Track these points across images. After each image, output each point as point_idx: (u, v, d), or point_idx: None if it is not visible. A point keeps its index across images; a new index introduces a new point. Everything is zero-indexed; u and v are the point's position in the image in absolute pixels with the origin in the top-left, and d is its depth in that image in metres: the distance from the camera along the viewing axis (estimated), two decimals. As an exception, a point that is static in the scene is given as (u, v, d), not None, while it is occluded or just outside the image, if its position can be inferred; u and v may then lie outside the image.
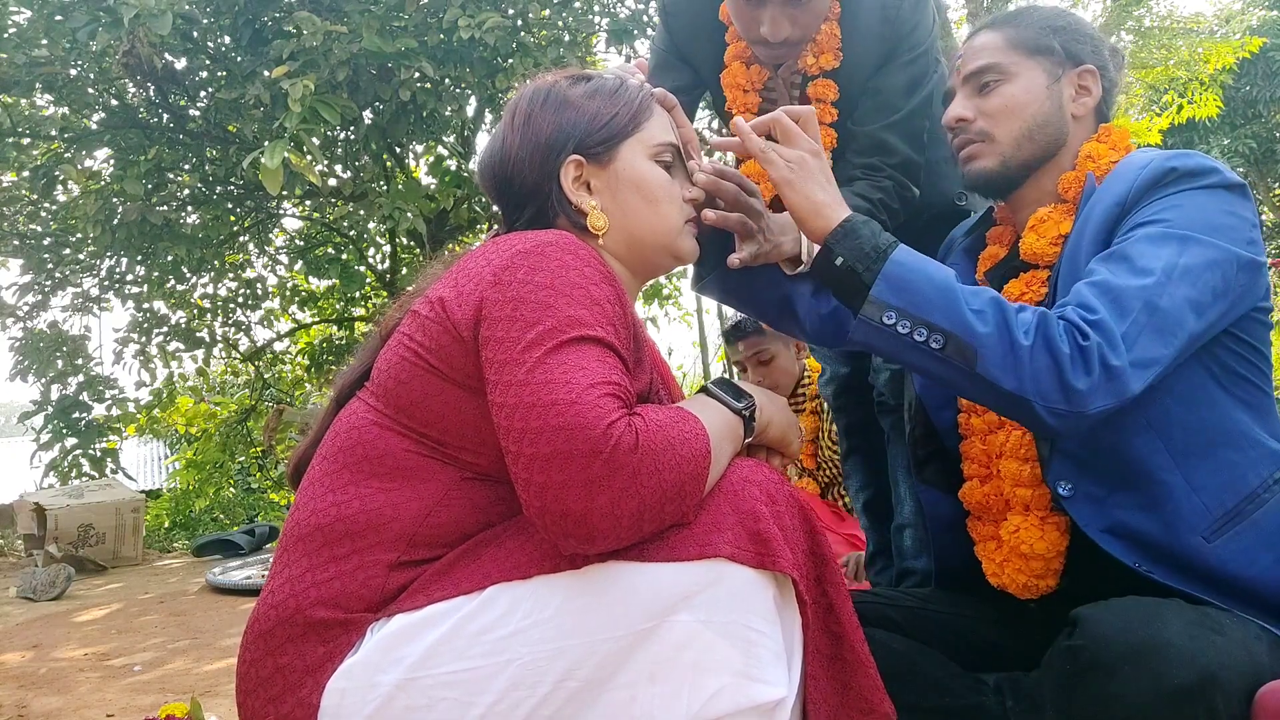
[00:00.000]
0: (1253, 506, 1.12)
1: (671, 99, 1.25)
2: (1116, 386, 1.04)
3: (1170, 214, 1.13)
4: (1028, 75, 1.29)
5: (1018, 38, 1.30)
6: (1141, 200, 1.17)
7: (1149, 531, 1.14)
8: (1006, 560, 1.25)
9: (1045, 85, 1.29)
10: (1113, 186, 1.21)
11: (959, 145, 1.33)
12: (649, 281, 1.34)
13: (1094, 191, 1.23)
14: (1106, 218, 1.19)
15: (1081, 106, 1.30)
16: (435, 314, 1.01)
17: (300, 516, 1.03)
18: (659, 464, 0.88)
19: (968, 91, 1.32)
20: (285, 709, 0.95)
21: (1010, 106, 1.28)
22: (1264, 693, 0.94)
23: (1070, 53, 1.30)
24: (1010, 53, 1.30)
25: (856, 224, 1.17)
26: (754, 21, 1.51)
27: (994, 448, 1.28)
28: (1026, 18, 1.33)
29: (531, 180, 1.15)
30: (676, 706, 0.90)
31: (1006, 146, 1.29)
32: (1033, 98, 1.28)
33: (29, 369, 6.20)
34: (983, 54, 1.31)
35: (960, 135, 1.32)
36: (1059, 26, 1.31)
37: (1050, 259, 1.25)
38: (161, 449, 12.08)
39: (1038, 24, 1.31)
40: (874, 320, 1.11)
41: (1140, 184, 1.18)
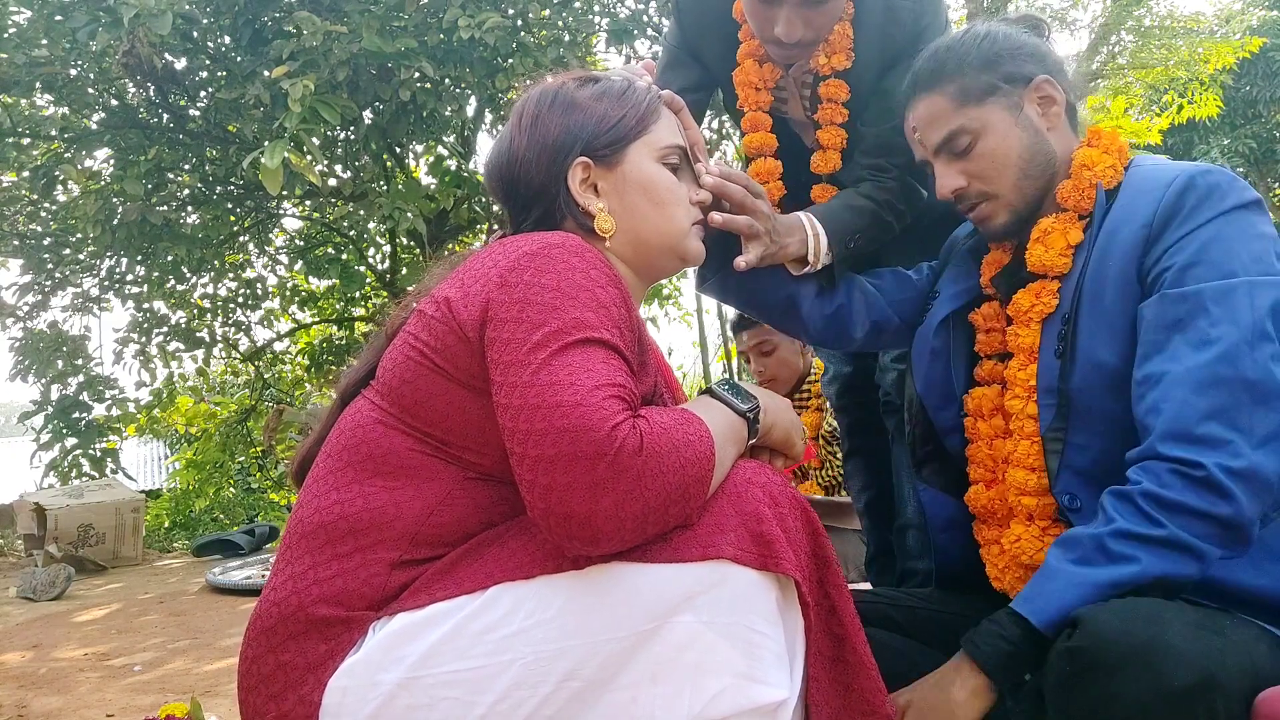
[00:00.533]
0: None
1: (679, 101, 1.25)
2: (1258, 484, 1.02)
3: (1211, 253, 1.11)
4: (993, 120, 1.25)
5: (962, 91, 1.26)
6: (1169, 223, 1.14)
7: None
8: (1007, 568, 1.25)
9: (1013, 121, 1.25)
10: (1137, 207, 1.18)
11: (967, 211, 1.30)
12: (655, 284, 1.34)
13: (1105, 205, 1.22)
14: (1133, 241, 1.16)
15: (1052, 117, 1.27)
16: (441, 314, 1.01)
17: (303, 514, 1.03)
18: (663, 466, 0.88)
19: (945, 160, 1.29)
20: (286, 706, 0.95)
21: (994, 159, 1.25)
22: (1263, 698, 0.94)
23: (1015, 76, 1.26)
24: (964, 110, 1.26)
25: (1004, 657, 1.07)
26: (768, 22, 1.50)
27: (1000, 453, 1.28)
28: (956, 65, 1.27)
29: (538, 182, 1.15)
30: (678, 707, 0.90)
31: (1011, 196, 1.26)
32: (1010, 140, 1.25)
33: (29, 369, 6.20)
34: (938, 123, 1.27)
35: (964, 203, 1.29)
36: (991, 59, 1.26)
37: (1060, 269, 1.23)
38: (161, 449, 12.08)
39: (974, 68, 1.26)
40: None
41: (1165, 206, 1.15)
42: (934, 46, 1.32)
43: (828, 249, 1.47)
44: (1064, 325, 1.20)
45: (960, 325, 1.39)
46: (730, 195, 1.28)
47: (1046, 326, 1.23)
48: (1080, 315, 1.19)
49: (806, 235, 1.45)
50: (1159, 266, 1.14)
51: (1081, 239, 1.23)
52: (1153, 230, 1.16)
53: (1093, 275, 1.19)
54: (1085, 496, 1.18)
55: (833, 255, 1.48)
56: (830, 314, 1.50)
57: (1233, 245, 1.12)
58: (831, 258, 1.48)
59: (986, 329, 1.34)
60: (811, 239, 1.45)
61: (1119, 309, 1.16)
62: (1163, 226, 1.15)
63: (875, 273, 1.57)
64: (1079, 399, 1.18)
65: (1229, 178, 1.17)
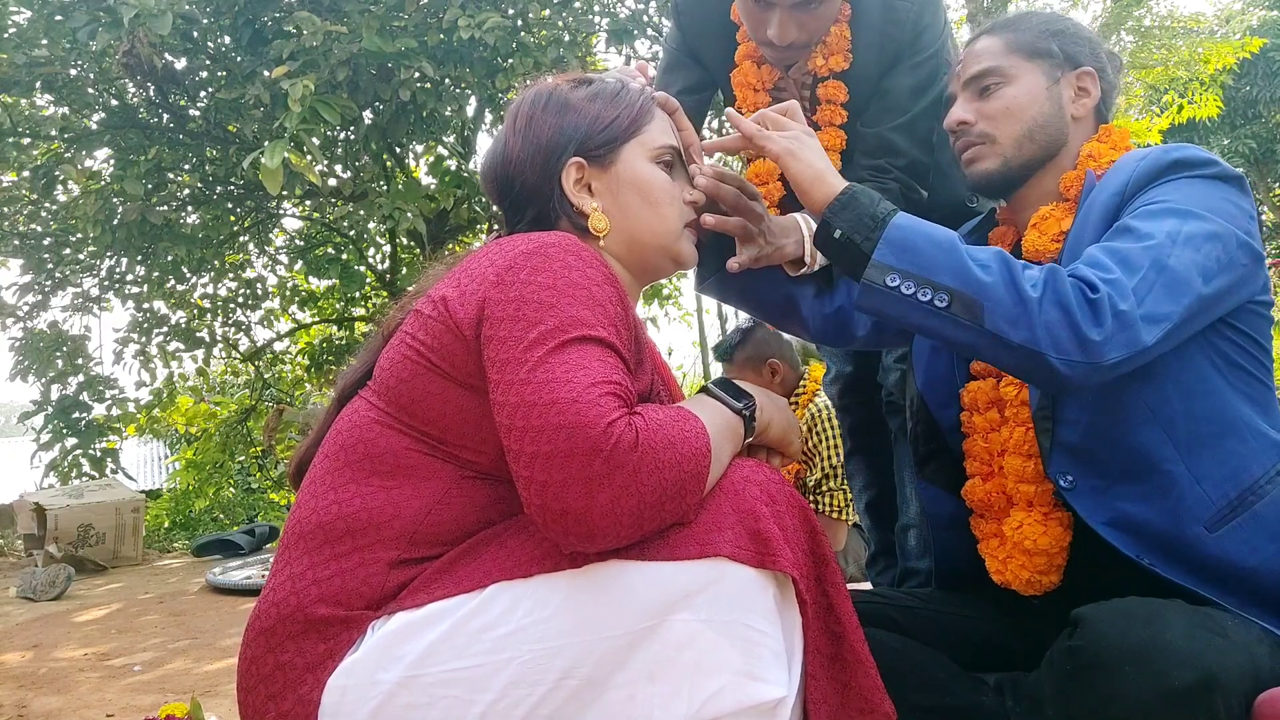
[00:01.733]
0: (1255, 497, 1.13)
1: (673, 102, 1.25)
2: (1130, 336, 1.04)
3: (1170, 196, 1.15)
4: (1027, 77, 1.30)
5: (1016, 41, 1.32)
6: (1140, 189, 1.18)
7: (1151, 522, 1.14)
8: (1010, 557, 1.25)
9: (1045, 87, 1.30)
10: (1112, 178, 1.22)
11: (961, 148, 1.34)
12: (649, 284, 1.34)
13: (1093, 187, 1.25)
14: (1106, 207, 1.20)
15: (1081, 107, 1.32)
16: (438, 313, 1.01)
17: (301, 514, 1.03)
18: (659, 462, 0.88)
19: (968, 95, 1.33)
20: (285, 706, 0.95)
21: (1011, 108, 1.29)
22: (1264, 699, 0.94)
23: (1068, 55, 1.31)
24: (1009, 56, 1.31)
25: (857, 193, 1.17)
26: (761, 24, 1.51)
27: (996, 445, 1.28)
28: (1024, 22, 1.34)
29: (533, 182, 1.15)
30: (676, 705, 0.90)
31: (1008, 148, 1.30)
32: (1033, 99, 1.29)
33: (29, 369, 6.20)
34: (982, 58, 1.32)
35: (962, 138, 1.33)
36: (1057, 30, 1.33)
37: (1052, 255, 1.25)
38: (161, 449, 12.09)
39: (1036, 28, 1.33)
40: (877, 284, 1.10)
41: (1139, 174, 1.19)
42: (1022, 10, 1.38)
43: None
44: None
45: None
46: (723, 196, 1.28)
47: None
48: None
49: (802, 236, 1.44)
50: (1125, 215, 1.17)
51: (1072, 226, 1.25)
52: (1126, 194, 1.19)
53: (1069, 250, 1.22)
54: (1079, 473, 1.18)
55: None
56: (831, 314, 1.50)
57: (1195, 195, 1.14)
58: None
59: None
60: (807, 239, 1.45)
61: None
62: (1136, 189, 1.18)
63: None
64: None
65: (1210, 155, 1.19)
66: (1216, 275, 1.10)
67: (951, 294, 1.07)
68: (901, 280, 1.09)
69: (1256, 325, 1.19)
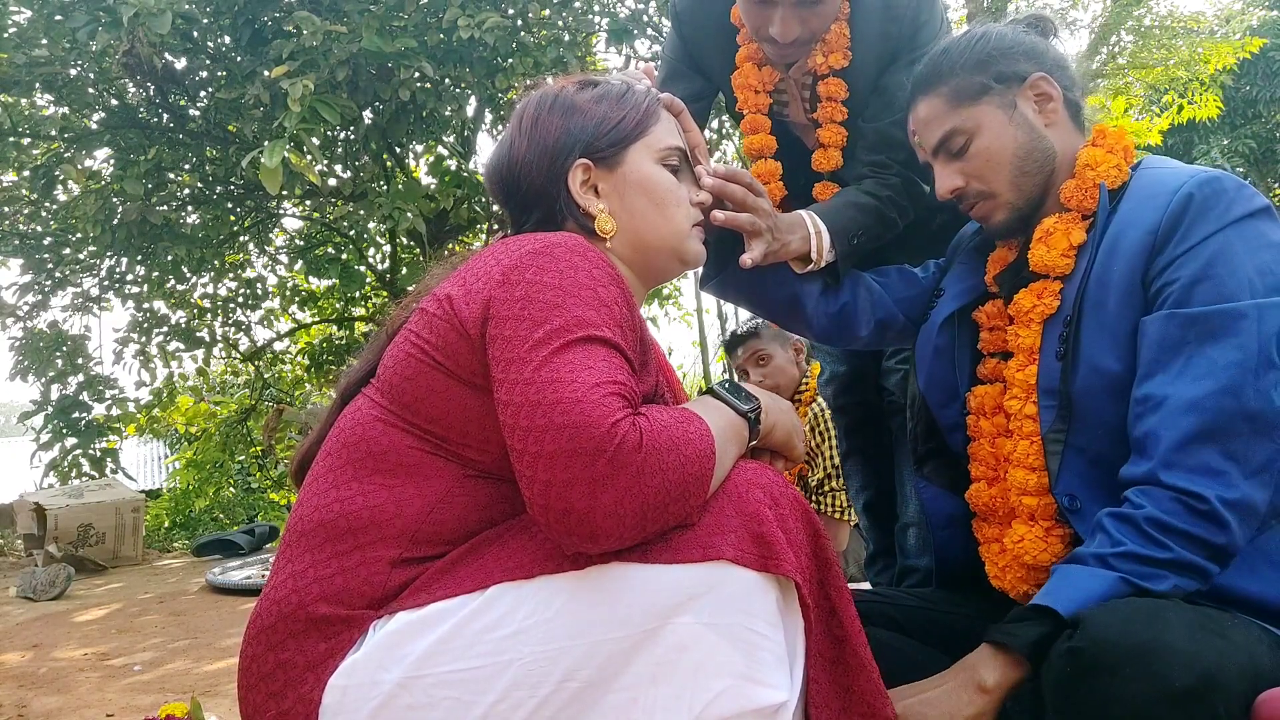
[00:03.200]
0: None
1: (679, 104, 1.25)
2: (1249, 516, 1.06)
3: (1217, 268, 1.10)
4: (987, 120, 1.26)
5: (955, 93, 1.27)
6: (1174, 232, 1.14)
7: None
8: (1009, 567, 1.25)
9: (1007, 119, 1.26)
10: (1141, 215, 1.18)
11: (967, 210, 1.32)
12: (656, 286, 1.35)
13: (1107, 206, 1.21)
14: (1139, 248, 1.16)
15: (1050, 114, 1.27)
16: (442, 311, 1.01)
17: (303, 513, 1.03)
18: (663, 463, 0.88)
19: (943, 160, 1.30)
20: (286, 705, 0.95)
21: (990, 158, 1.26)
22: (1263, 699, 0.94)
23: (1008, 75, 1.27)
24: (958, 110, 1.27)
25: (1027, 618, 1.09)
26: (764, 22, 1.51)
27: (1002, 451, 1.28)
28: (950, 68, 1.28)
29: (539, 183, 1.15)
30: (678, 708, 0.90)
31: (1009, 194, 1.27)
32: (1004, 139, 1.26)
33: (29, 369, 6.20)
34: (933, 124, 1.29)
35: (964, 202, 1.31)
36: (983, 59, 1.27)
37: (1062, 270, 1.23)
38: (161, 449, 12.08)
39: (965, 69, 1.27)
40: None
41: (1172, 213, 1.14)
42: (933, 51, 1.34)
43: (830, 245, 1.47)
44: (1065, 328, 1.20)
45: (965, 323, 1.39)
46: (731, 195, 1.28)
47: (1048, 327, 1.23)
48: (1083, 319, 1.18)
49: (808, 232, 1.45)
50: (1163, 278, 1.13)
51: (1084, 239, 1.23)
52: (1158, 238, 1.15)
53: (1096, 280, 1.19)
54: (1085, 497, 1.18)
55: (836, 252, 1.48)
56: (835, 312, 1.50)
57: (1239, 260, 1.11)
58: (835, 255, 1.49)
59: (990, 327, 1.34)
60: (813, 235, 1.45)
61: (1122, 316, 1.16)
62: (1169, 235, 1.14)
63: (881, 270, 1.57)
64: (1080, 402, 1.18)
65: (1236, 184, 1.16)
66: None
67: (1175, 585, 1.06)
68: None
69: None
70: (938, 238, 1.59)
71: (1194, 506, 1.05)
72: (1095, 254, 1.20)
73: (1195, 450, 1.07)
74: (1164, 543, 1.05)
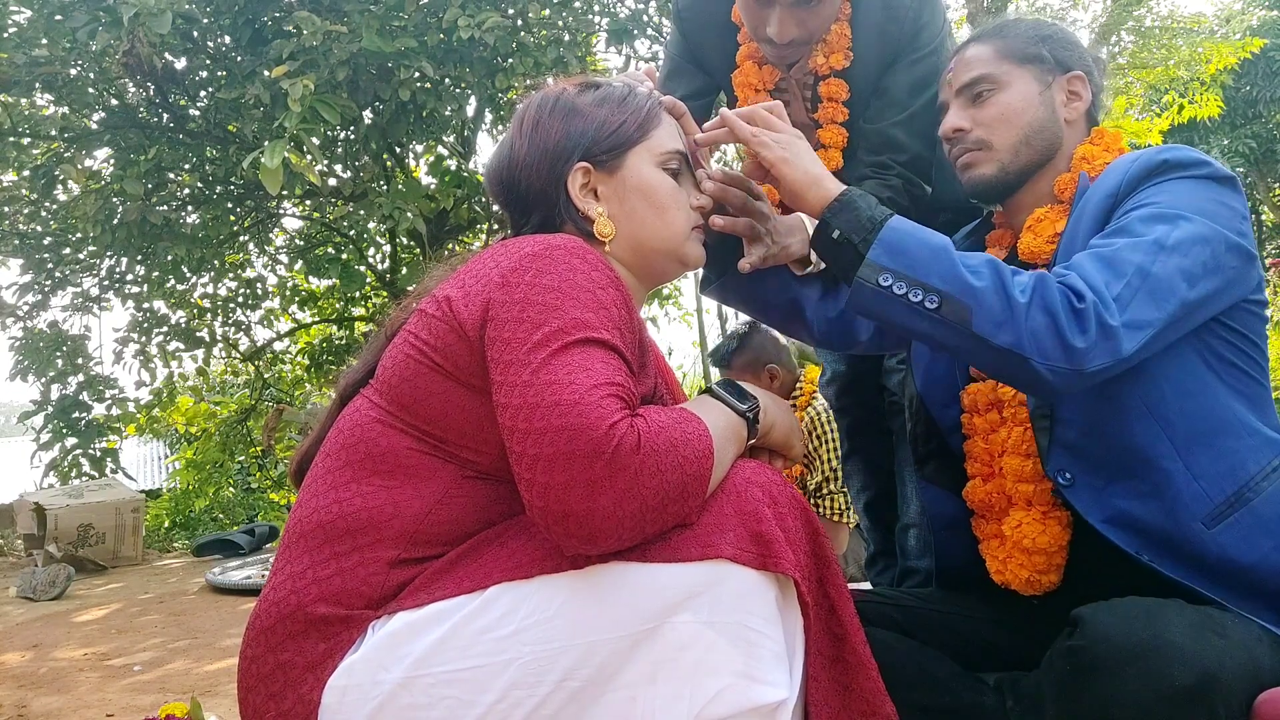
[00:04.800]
0: (1252, 493, 1.14)
1: (680, 106, 1.25)
2: (1112, 345, 1.06)
3: (1160, 198, 1.16)
4: (1020, 83, 1.31)
5: (1007, 48, 1.32)
6: (1133, 190, 1.19)
7: (1150, 519, 1.15)
8: (1010, 556, 1.25)
9: (1038, 92, 1.31)
10: (1105, 180, 1.23)
11: (956, 154, 1.35)
12: (656, 288, 1.35)
13: (1086, 189, 1.25)
14: (1099, 209, 1.21)
15: (1073, 111, 1.33)
16: (441, 312, 1.02)
17: (302, 513, 1.03)
18: (661, 465, 0.88)
19: (961, 103, 1.34)
20: (286, 705, 0.95)
21: (1005, 114, 1.30)
22: (1263, 699, 0.94)
23: (1059, 60, 1.32)
24: (1001, 62, 1.32)
25: (853, 196, 1.19)
26: (762, 22, 1.52)
27: (996, 445, 1.29)
28: (1013, 29, 1.35)
29: (539, 186, 1.16)
30: (678, 707, 0.90)
31: (1004, 153, 1.31)
32: (1027, 104, 1.30)
33: (29, 369, 6.20)
34: (974, 65, 1.33)
35: (958, 145, 1.34)
36: (1046, 35, 1.34)
37: (1046, 257, 1.27)
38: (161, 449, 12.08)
39: (1025, 34, 1.33)
40: (870, 283, 1.12)
41: (1132, 175, 1.20)
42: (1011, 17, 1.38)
43: None
44: None
45: None
46: (731, 200, 1.28)
47: None
48: None
49: (808, 235, 1.45)
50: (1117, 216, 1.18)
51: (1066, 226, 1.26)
52: (1119, 196, 1.20)
53: (1064, 251, 1.23)
54: (1077, 470, 1.19)
55: None
56: (834, 317, 1.50)
57: (1186, 197, 1.15)
58: None
59: None
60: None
61: None
62: (1129, 191, 1.19)
63: None
64: None
65: (1199, 156, 1.20)
66: (1203, 279, 1.11)
67: (941, 296, 1.09)
68: (894, 280, 1.11)
69: (1250, 324, 1.20)
70: None
71: (1073, 303, 1.06)
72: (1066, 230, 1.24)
73: (1094, 272, 1.09)
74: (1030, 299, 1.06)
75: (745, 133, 1.23)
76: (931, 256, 1.11)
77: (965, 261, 1.10)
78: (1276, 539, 1.12)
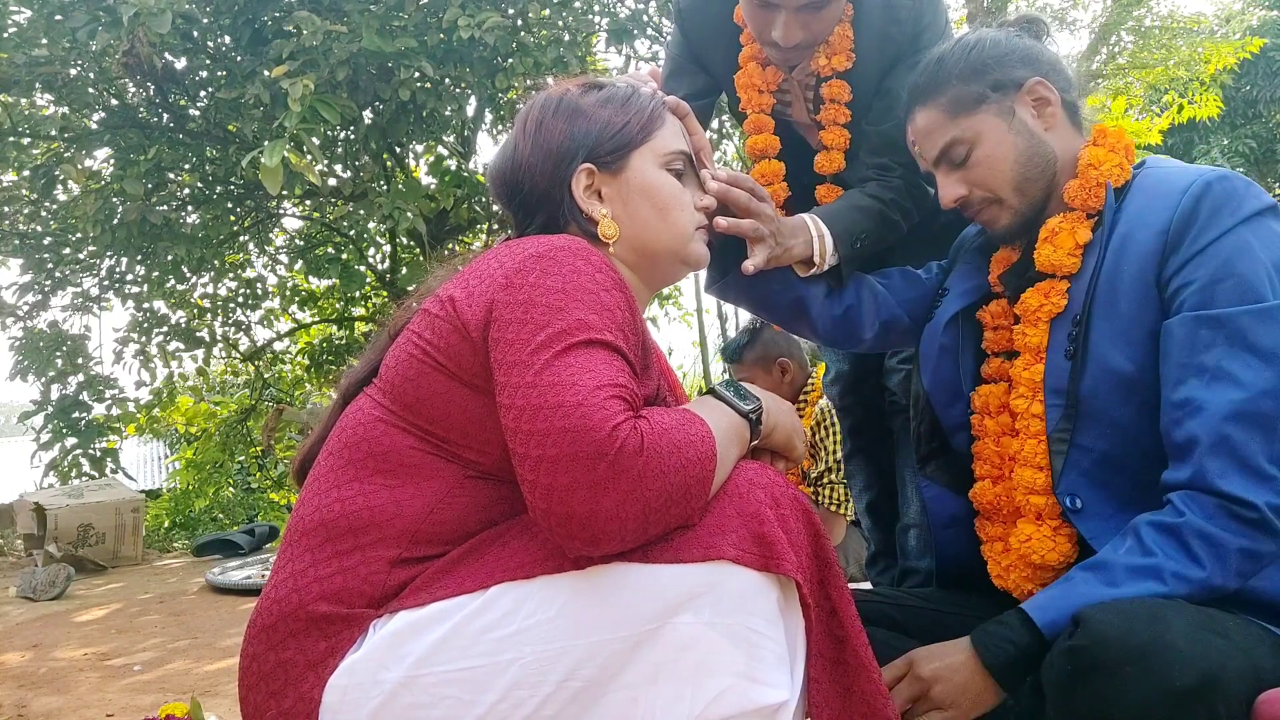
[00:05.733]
0: None
1: (684, 107, 1.25)
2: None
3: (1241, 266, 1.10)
4: (987, 129, 1.26)
5: (953, 103, 1.28)
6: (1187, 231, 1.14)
7: None
8: (1013, 566, 1.25)
9: (1006, 126, 1.26)
10: (1151, 214, 1.18)
11: (973, 217, 1.32)
12: (659, 290, 1.34)
13: (1114, 205, 1.22)
14: (1150, 249, 1.16)
15: (1049, 118, 1.28)
16: (445, 312, 1.02)
17: (304, 512, 1.03)
18: (664, 466, 0.88)
19: (946, 170, 1.31)
20: (287, 704, 0.95)
21: (992, 166, 1.26)
22: (1264, 700, 0.94)
23: (1004, 83, 1.27)
24: (957, 121, 1.27)
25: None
26: (766, 26, 1.51)
27: (1007, 451, 1.28)
28: (945, 77, 1.29)
29: (542, 187, 1.15)
30: (679, 708, 0.90)
31: (1013, 199, 1.27)
32: (1005, 145, 1.26)
33: (29, 369, 6.20)
34: (934, 135, 1.30)
35: (969, 210, 1.31)
36: (978, 68, 1.27)
37: (1069, 269, 1.23)
38: (161, 449, 12.08)
39: (961, 77, 1.28)
40: None
41: (1183, 213, 1.14)
42: (927, 59, 1.34)
43: (833, 249, 1.47)
44: (1074, 327, 1.20)
45: (969, 323, 1.39)
46: (735, 200, 1.28)
47: (1055, 327, 1.23)
48: (1093, 319, 1.18)
49: (811, 236, 1.45)
50: (1180, 278, 1.13)
51: (1090, 238, 1.23)
52: (1170, 238, 1.15)
53: (1106, 280, 1.19)
54: (1088, 498, 1.18)
55: (839, 255, 1.48)
56: (839, 315, 1.50)
57: (1256, 256, 1.11)
58: (838, 258, 1.49)
59: (994, 326, 1.35)
60: (816, 240, 1.45)
61: (1135, 315, 1.16)
62: (1181, 234, 1.14)
63: (884, 272, 1.57)
64: (1088, 402, 1.18)
65: (1245, 183, 1.16)
66: None
67: None
68: None
69: None
70: (940, 238, 1.59)
71: (1244, 515, 1.03)
72: (1104, 253, 1.20)
73: (1241, 455, 1.05)
74: (1202, 560, 1.04)
75: None
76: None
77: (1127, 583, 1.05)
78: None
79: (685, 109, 1.25)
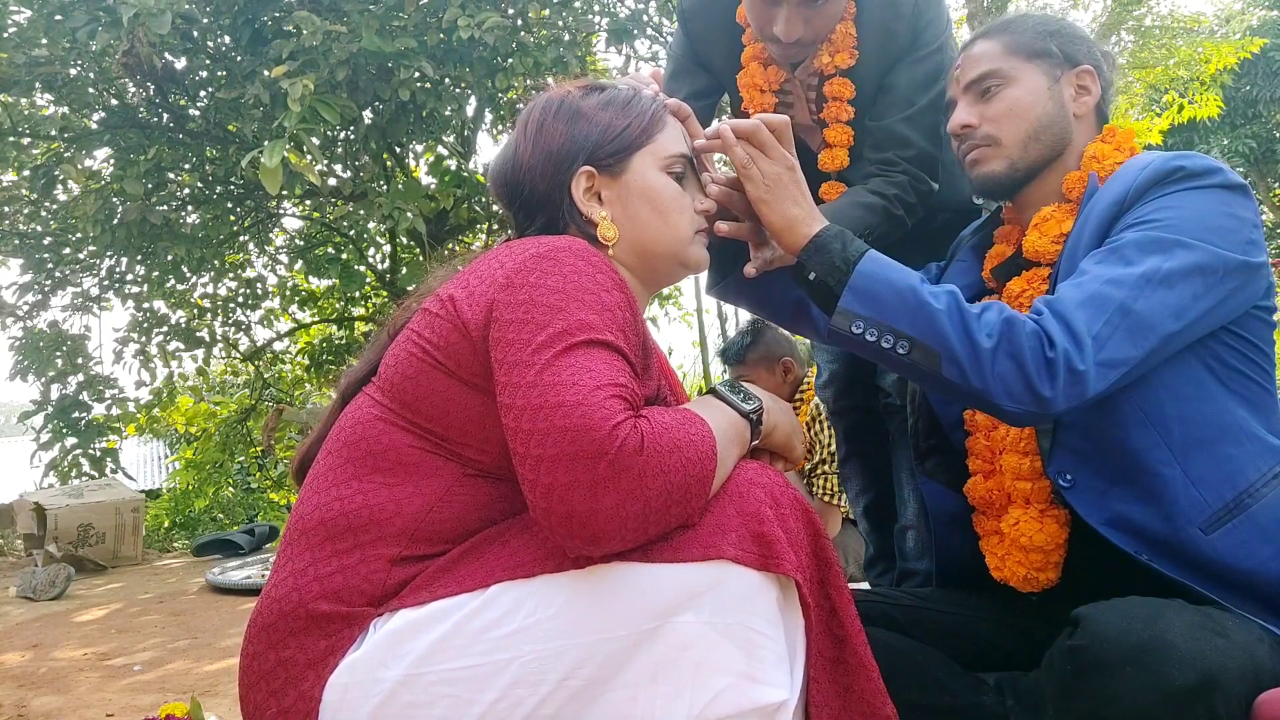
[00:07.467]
0: (1251, 500, 1.13)
1: (685, 109, 1.25)
2: (1079, 389, 1.07)
3: (1163, 215, 1.15)
4: (1028, 78, 1.30)
5: (1014, 43, 1.32)
6: (1140, 199, 1.18)
7: (1148, 524, 1.15)
8: (1008, 554, 1.26)
9: (1046, 87, 1.30)
10: (1114, 186, 1.22)
11: (965, 151, 1.34)
12: (659, 291, 1.34)
13: (1096, 191, 1.25)
14: (1105, 216, 1.20)
15: (1082, 106, 1.32)
16: (445, 312, 1.02)
17: (304, 511, 1.03)
18: (664, 466, 0.88)
19: (969, 99, 1.33)
20: (287, 702, 0.95)
21: (1014, 109, 1.29)
22: (1263, 700, 0.94)
23: (1067, 54, 1.31)
24: (1009, 58, 1.31)
25: (827, 238, 1.17)
26: (768, 21, 1.52)
27: (997, 443, 1.29)
28: (1021, 24, 1.34)
29: (543, 189, 1.16)
30: (678, 707, 0.90)
31: (1013, 149, 1.30)
32: (1035, 99, 1.29)
33: (29, 369, 6.20)
34: (981, 61, 1.32)
35: (966, 141, 1.33)
36: (1053, 30, 1.33)
37: (1051, 257, 1.26)
38: (161, 449, 12.09)
39: (1033, 29, 1.33)
40: (844, 329, 1.13)
41: (1140, 183, 1.19)
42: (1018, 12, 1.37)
43: None
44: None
45: None
46: (735, 204, 1.29)
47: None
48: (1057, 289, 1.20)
49: None
50: (1120, 227, 1.17)
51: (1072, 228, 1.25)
52: (1125, 203, 1.19)
53: (1068, 255, 1.22)
54: (1079, 473, 1.19)
55: None
56: None
57: (1191, 214, 1.14)
58: None
59: None
60: None
61: None
62: (1135, 199, 1.18)
63: None
64: None
65: (1209, 162, 1.19)
66: (1191, 308, 1.11)
67: (911, 343, 1.10)
68: (866, 328, 1.12)
69: (1257, 330, 1.19)
70: (940, 236, 1.60)
71: (1043, 350, 1.07)
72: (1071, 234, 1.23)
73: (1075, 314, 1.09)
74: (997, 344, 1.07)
75: (738, 159, 1.21)
76: (900, 302, 1.11)
77: (932, 303, 1.10)
78: (1275, 546, 1.12)
79: (686, 111, 1.25)
